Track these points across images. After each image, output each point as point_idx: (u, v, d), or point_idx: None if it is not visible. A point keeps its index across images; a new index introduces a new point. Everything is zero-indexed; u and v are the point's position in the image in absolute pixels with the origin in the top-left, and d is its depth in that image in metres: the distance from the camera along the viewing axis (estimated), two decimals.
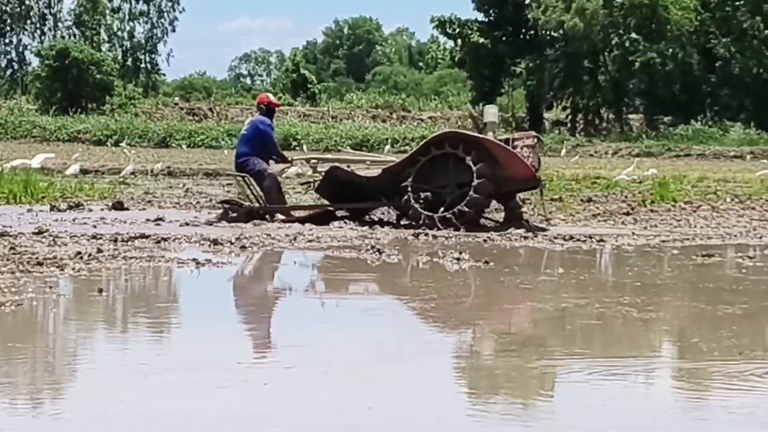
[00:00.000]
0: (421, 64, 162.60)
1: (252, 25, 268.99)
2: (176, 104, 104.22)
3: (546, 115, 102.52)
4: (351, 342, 15.86)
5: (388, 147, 78.63)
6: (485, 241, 26.75)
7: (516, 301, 19.81)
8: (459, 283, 21.45)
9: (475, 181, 27.67)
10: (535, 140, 28.79)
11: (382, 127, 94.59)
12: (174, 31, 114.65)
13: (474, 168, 27.66)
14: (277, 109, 31.29)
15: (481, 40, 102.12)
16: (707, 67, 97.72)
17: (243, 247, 24.76)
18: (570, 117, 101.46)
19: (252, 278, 21.82)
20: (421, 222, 28.14)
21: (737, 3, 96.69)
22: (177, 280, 20.94)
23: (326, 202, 31.45)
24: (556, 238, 27.33)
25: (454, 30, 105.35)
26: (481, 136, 28.84)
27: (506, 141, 28.82)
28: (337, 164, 30.38)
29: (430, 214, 28.21)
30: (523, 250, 25.79)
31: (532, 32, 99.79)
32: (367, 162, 31.10)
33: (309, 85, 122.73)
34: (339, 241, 26.07)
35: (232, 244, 25.04)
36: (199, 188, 42.32)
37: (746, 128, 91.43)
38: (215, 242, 25.24)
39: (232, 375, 13.37)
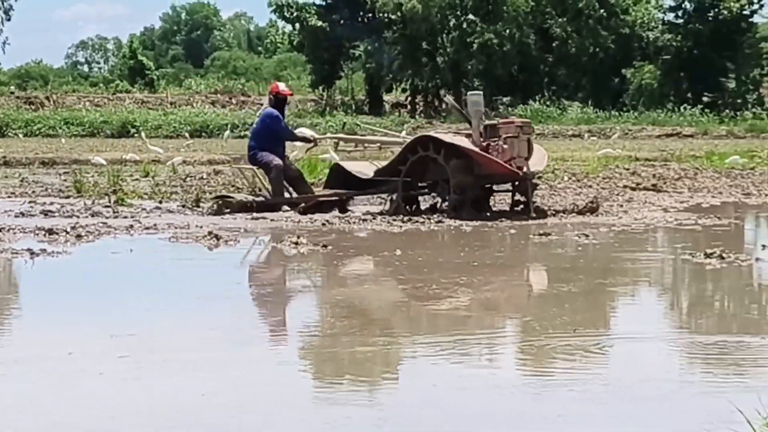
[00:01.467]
0: (260, 48, 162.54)
1: (89, 11, 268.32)
2: (12, 93, 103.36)
3: (386, 97, 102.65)
4: (184, 330, 15.84)
5: (227, 132, 78.42)
6: (323, 225, 26.76)
7: (352, 284, 19.77)
8: (295, 268, 21.45)
9: (451, 181, 27.36)
10: (519, 129, 27.58)
11: (222, 112, 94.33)
12: (9, 19, 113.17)
13: (448, 168, 27.33)
14: (289, 98, 30.94)
15: (319, 23, 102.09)
16: (544, 47, 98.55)
17: (78, 236, 24.61)
18: (410, 99, 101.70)
19: (87, 267, 21.66)
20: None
21: None
22: (10, 270, 20.78)
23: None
24: (395, 219, 27.38)
25: (291, 14, 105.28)
26: (452, 139, 28.03)
27: (491, 127, 27.91)
28: (339, 161, 30.41)
29: (409, 210, 28.29)
30: (364, 233, 25.75)
31: (370, 15, 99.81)
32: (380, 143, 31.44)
33: (147, 72, 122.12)
34: (180, 229, 25.89)
35: (67, 233, 24.89)
36: (35, 177, 42.03)
37: (584, 107, 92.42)
38: (50, 232, 25.07)
39: (67, 365, 13.34)
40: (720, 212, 27.97)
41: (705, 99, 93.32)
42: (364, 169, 29.04)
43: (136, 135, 70.47)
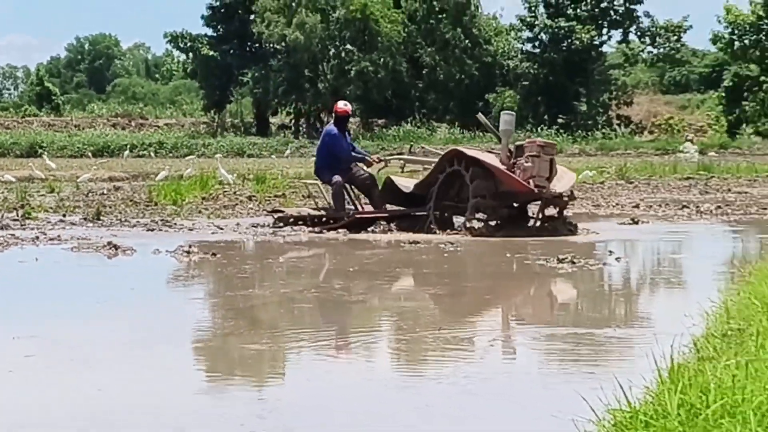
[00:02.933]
0: (157, 75, 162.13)
1: (1, 43, 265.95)
2: None
3: (272, 119, 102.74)
4: (84, 332, 15.77)
5: (127, 152, 78.09)
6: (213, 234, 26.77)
7: (238, 288, 19.74)
8: (186, 275, 21.41)
9: (471, 200, 26.04)
10: (540, 149, 25.70)
11: (122, 134, 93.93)
12: None
13: (470, 186, 25.91)
14: (348, 116, 29.04)
15: (211, 52, 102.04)
16: (415, 74, 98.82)
17: None
18: (293, 121, 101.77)
19: (2, 276, 21.54)
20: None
21: (440, 16, 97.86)
22: None
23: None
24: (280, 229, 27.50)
25: (185, 44, 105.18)
26: (477, 154, 26.56)
27: (519, 147, 26.32)
28: (391, 177, 28.46)
29: (436, 228, 26.40)
30: (253, 243, 25.74)
31: (257, 45, 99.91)
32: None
33: (53, 97, 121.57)
34: (82, 239, 25.76)
35: None
36: None
37: (451, 128, 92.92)
38: None
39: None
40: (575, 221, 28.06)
41: (560, 121, 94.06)
42: (411, 184, 27.48)
43: (43, 155, 70.08)
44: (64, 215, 31.99)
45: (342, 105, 29.16)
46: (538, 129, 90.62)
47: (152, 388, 12.18)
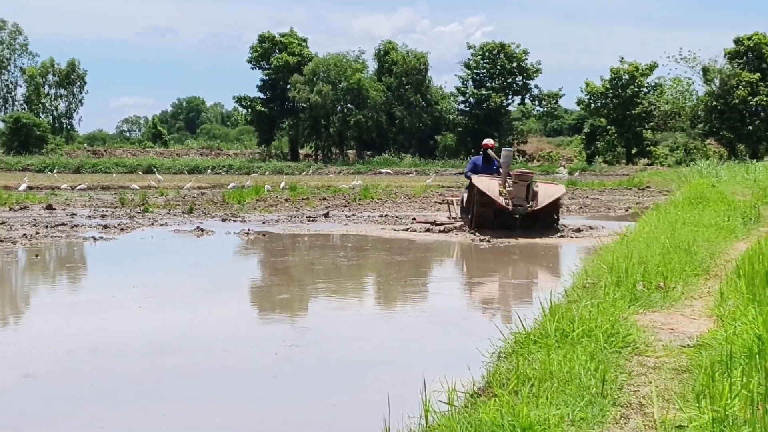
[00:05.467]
0: (228, 123, 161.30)
1: (129, 102, 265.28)
2: (85, 147, 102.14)
3: (301, 151, 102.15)
4: (181, 283, 15.79)
5: (209, 170, 77.86)
6: (264, 223, 26.63)
7: (277, 255, 19.65)
8: (245, 248, 21.31)
9: (474, 209, 23.60)
10: (517, 177, 23.24)
11: (206, 159, 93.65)
12: (82, 105, 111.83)
13: (475, 202, 23.49)
14: (489, 148, 24.78)
15: (262, 109, 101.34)
16: (390, 123, 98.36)
17: (122, 229, 24.39)
18: (314, 152, 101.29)
19: (126, 247, 21.48)
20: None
21: (406, 86, 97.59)
22: (82, 248, 20.56)
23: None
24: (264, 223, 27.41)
25: (246, 103, 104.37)
26: (478, 182, 23.42)
27: (517, 174, 23.58)
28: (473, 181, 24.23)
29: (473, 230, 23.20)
30: (287, 229, 25.57)
31: (291, 104, 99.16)
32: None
33: (163, 136, 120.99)
34: (180, 225, 25.72)
35: (115, 228, 24.68)
36: (98, 196, 41.61)
37: (413, 158, 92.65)
38: (105, 227, 24.87)
39: (113, 303, 13.24)
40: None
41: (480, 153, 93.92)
42: (488, 190, 23.41)
43: (156, 172, 69.91)
44: (169, 210, 31.85)
45: (486, 141, 25.68)
46: (468, 158, 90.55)
47: (223, 318, 12.20)
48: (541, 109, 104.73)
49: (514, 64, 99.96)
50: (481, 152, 25.16)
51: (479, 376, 7.63)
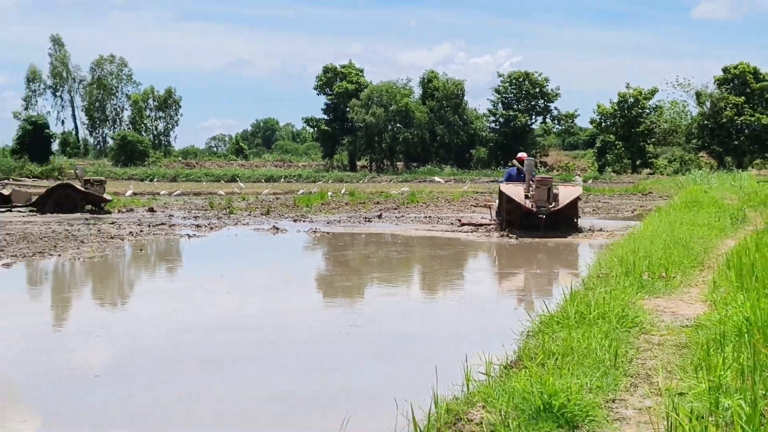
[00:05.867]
0: (298, 140, 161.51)
1: (217, 122, 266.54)
2: (179, 160, 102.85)
3: (358, 163, 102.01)
4: (261, 273, 15.83)
5: (282, 180, 77.97)
6: (328, 223, 26.60)
7: (339, 250, 19.66)
8: (312, 244, 21.31)
9: (504, 212, 22.86)
10: (538, 182, 22.51)
11: (280, 170, 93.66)
12: (177, 125, 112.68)
13: (503, 205, 22.84)
14: (523, 160, 23.71)
15: (326, 128, 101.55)
16: (432, 139, 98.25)
17: (211, 228, 24.51)
18: (369, 164, 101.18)
19: (215, 243, 21.58)
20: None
21: (446, 108, 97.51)
22: (178, 244, 20.68)
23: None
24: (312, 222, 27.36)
25: (313, 123, 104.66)
26: (505, 188, 22.86)
27: (539, 180, 22.79)
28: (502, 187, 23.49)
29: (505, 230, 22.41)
30: (348, 228, 25.55)
31: (350, 123, 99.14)
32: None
33: (244, 151, 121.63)
34: (259, 225, 25.79)
35: (206, 227, 24.80)
36: (191, 200, 41.85)
37: (452, 168, 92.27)
38: (198, 226, 25.00)
39: (205, 289, 13.33)
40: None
41: (509, 165, 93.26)
42: (515, 195, 22.71)
43: (238, 181, 70.14)
44: (249, 212, 31.97)
45: (520, 154, 24.92)
46: (498, 168, 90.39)
47: (295, 302, 12.22)
48: (560, 127, 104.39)
49: (537, 90, 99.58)
50: (510, 164, 24.94)
51: (511, 351, 7.62)
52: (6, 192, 32.26)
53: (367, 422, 5.85)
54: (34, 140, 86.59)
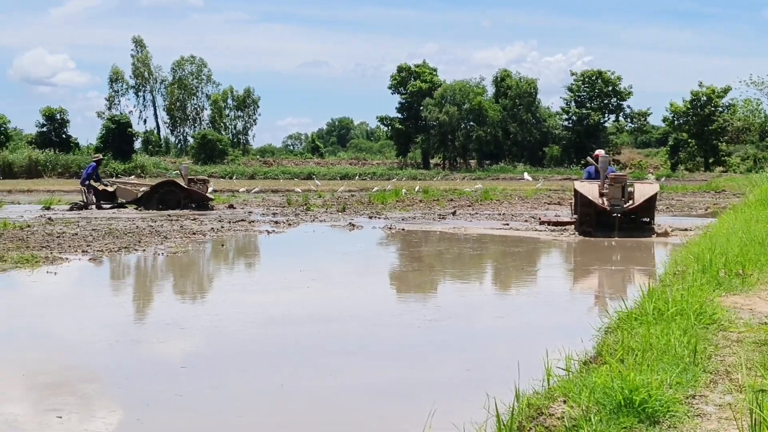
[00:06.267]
0: (372, 138, 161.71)
1: (293, 121, 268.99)
2: (257, 159, 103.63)
3: (431, 161, 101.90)
4: (338, 268, 15.90)
5: (357, 177, 78.10)
6: (403, 219, 26.61)
7: (413, 246, 19.68)
8: (387, 240, 21.35)
9: (578, 211, 21.99)
10: (612, 180, 21.56)
11: (354, 168, 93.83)
12: (255, 124, 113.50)
13: (578, 203, 22.02)
14: (599, 156, 22.66)
15: (400, 126, 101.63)
16: (505, 137, 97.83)
17: (289, 224, 24.70)
18: (442, 161, 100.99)
19: (293, 239, 21.75)
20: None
21: (519, 106, 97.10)
22: (257, 240, 20.87)
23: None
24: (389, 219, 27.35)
25: (387, 122, 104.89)
26: (579, 187, 22.10)
27: (613, 177, 21.77)
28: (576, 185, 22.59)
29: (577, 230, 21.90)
30: (420, 224, 25.56)
31: (424, 122, 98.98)
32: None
33: (319, 149, 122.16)
34: (335, 222, 25.93)
35: (284, 223, 24.99)
36: (269, 197, 42.25)
37: (525, 166, 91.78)
38: (276, 222, 25.20)
39: (284, 284, 13.44)
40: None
41: (582, 162, 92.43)
42: (589, 193, 21.69)
43: (314, 178, 70.53)
44: (326, 209, 32.14)
45: (597, 152, 23.84)
46: (571, 167, 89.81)
47: (373, 296, 12.29)
48: (632, 126, 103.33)
49: (610, 88, 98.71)
50: (584, 162, 24.46)
51: (589, 347, 7.58)
52: (111, 189, 32.92)
53: (451, 415, 5.86)
54: (117, 138, 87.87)
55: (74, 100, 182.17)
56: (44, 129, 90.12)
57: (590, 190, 21.88)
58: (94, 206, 31.63)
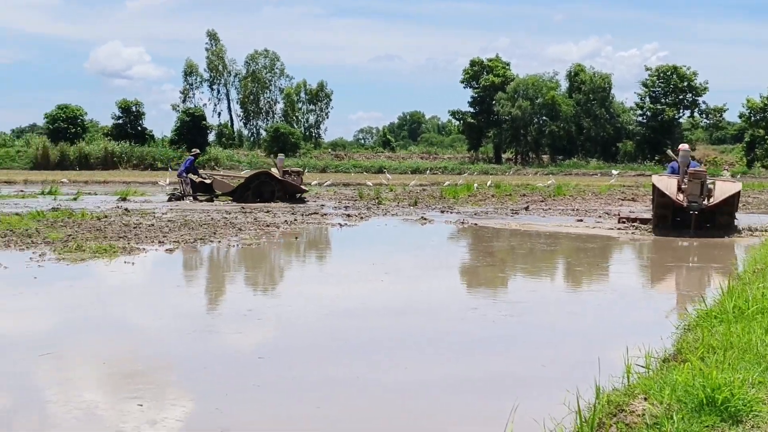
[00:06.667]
0: (443, 132, 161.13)
1: (364, 115, 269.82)
2: (329, 152, 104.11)
3: (503, 155, 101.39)
4: (408, 261, 15.90)
5: (428, 171, 78.00)
6: (476, 214, 26.52)
7: (484, 241, 19.60)
8: (458, 234, 21.29)
9: (654, 207, 21.35)
10: (691, 176, 20.20)
11: (426, 162, 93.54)
12: (327, 117, 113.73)
13: (655, 199, 21.27)
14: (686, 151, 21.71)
15: (472, 120, 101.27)
16: (578, 132, 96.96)
17: (361, 218, 24.76)
18: (514, 156, 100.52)
19: (365, 232, 21.82)
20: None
21: (593, 101, 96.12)
22: (329, 233, 20.96)
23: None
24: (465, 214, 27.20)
25: (459, 116, 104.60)
26: (656, 180, 21.18)
27: (692, 173, 20.35)
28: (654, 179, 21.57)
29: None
30: (492, 218, 25.45)
31: (496, 116, 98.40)
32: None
33: (391, 143, 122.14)
34: (407, 215, 25.95)
35: (356, 216, 25.07)
36: (340, 191, 42.42)
37: (598, 161, 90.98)
38: (348, 215, 25.28)
39: (359, 276, 13.47)
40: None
41: (656, 158, 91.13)
42: (667, 188, 20.57)
43: (385, 172, 70.57)
44: (397, 203, 32.20)
45: (681, 146, 22.38)
46: (645, 163, 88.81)
47: (447, 290, 12.26)
48: (708, 122, 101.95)
49: (685, 84, 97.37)
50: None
51: (668, 344, 7.49)
52: (208, 181, 33.59)
53: (530, 410, 5.83)
54: (191, 131, 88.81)
55: (149, 93, 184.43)
56: (120, 121, 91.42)
57: (668, 185, 20.97)
58: (190, 198, 32.37)
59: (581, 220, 24.41)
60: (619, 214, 24.81)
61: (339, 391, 6.87)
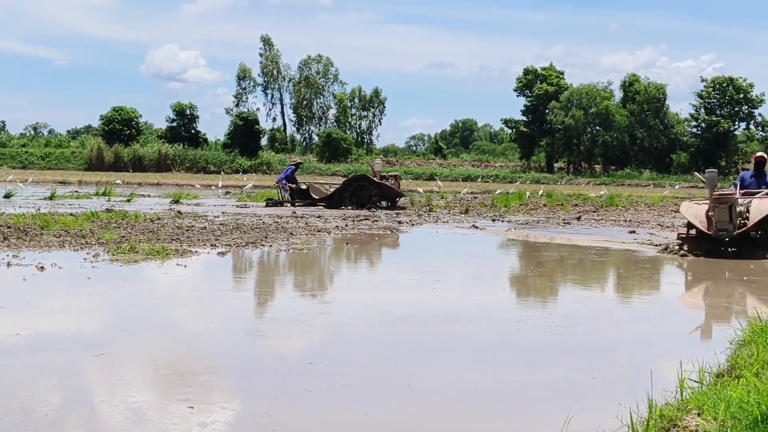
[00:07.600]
0: (495, 140, 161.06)
1: (416, 122, 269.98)
2: (380, 158, 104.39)
3: (555, 164, 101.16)
4: (454, 268, 15.86)
5: (479, 179, 77.76)
6: (526, 223, 26.38)
7: (533, 250, 19.48)
8: (508, 243, 21.20)
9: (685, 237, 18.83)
10: (715, 201, 17.99)
11: (477, 170, 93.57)
12: (380, 124, 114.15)
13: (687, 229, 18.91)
14: (761, 159, 19.57)
15: (524, 129, 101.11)
16: (632, 142, 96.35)
17: (412, 224, 24.80)
18: (567, 165, 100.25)
19: (415, 238, 21.82)
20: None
21: (647, 112, 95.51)
22: (381, 239, 20.98)
23: None
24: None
25: (512, 124, 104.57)
26: (682, 209, 19.38)
27: (716, 197, 18.01)
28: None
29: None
30: (544, 226, 25.31)
31: (549, 125, 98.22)
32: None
33: (442, 150, 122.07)
34: (457, 223, 25.89)
35: (407, 223, 25.09)
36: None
37: (652, 172, 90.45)
38: (399, 222, 25.32)
39: (407, 283, 13.45)
40: None
41: (709, 170, 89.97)
42: (695, 218, 18.49)
43: (437, 179, 70.54)
44: (448, 210, 32.20)
45: (758, 153, 20.22)
46: (697, 174, 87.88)
47: (498, 299, 12.22)
48: (764, 134, 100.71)
49: (741, 95, 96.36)
50: (741, 167, 22.85)
51: (722, 359, 7.40)
52: (304, 187, 34.17)
53: (581, 423, 5.78)
54: (244, 135, 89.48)
55: (203, 96, 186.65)
56: (174, 124, 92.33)
57: (697, 213, 18.87)
58: (288, 203, 32.96)
59: (633, 232, 24.17)
60: (678, 231, 20.84)
61: (390, 397, 6.86)
